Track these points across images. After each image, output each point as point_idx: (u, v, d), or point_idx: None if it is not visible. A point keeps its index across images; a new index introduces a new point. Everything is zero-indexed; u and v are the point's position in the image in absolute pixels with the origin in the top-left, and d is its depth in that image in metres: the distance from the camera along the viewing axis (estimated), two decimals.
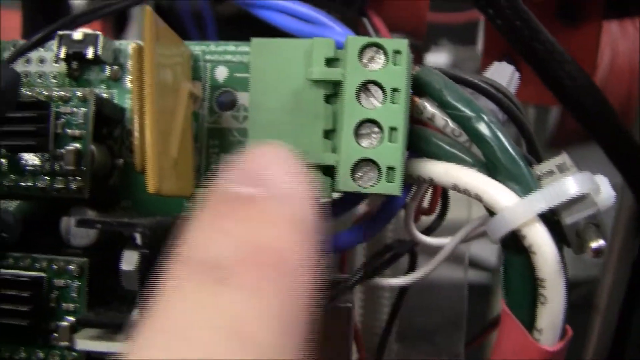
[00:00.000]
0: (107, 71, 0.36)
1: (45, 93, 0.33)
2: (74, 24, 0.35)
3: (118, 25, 0.68)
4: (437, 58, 0.79)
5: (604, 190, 0.29)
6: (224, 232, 0.25)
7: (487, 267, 0.74)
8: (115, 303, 0.33)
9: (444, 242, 0.34)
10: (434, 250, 0.35)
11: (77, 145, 0.33)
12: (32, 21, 0.52)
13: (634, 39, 0.68)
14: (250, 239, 0.24)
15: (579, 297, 0.63)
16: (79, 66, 0.36)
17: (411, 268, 0.37)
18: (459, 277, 0.50)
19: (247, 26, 0.40)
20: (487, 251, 0.70)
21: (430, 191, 0.36)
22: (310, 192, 0.27)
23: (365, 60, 0.29)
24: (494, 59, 0.46)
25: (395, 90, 0.29)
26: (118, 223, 0.29)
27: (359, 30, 0.40)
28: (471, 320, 0.50)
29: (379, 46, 0.29)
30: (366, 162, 0.29)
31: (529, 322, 0.29)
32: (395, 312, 0.40)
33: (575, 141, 0.73)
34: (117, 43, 0.36)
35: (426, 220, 0.36)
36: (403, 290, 0.39)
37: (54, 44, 0.35)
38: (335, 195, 0.33)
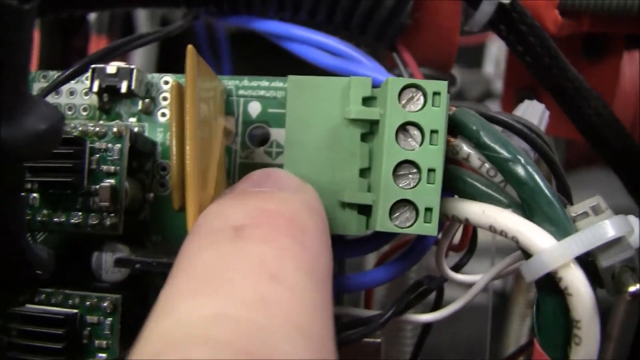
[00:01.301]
0: (140, 105, 0.36)
1: (80, 128, 0.34)
2: (107, 57, 0.35)
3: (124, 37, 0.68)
4: None
5: (636, 231, 0.29)
6: (237, 205, 0.26)
7: (500, 292, 0.74)
8: None
9: (474, 279, 0.34)
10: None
11: (112, 181, 0.33)
12: (51, 41, 0.52)
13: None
14: (262, 206, 0.26)
15: None
16: (109, 99, 0.36)
17: (437, 303, 0.37)
18: (482, 303, 0.50)
19: (257, 41, 0.40)
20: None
21: (460, 228, 0.36)
22: (316, 194, 0.29)
23: (404, 101, 0.30)
24: (514, 90, 0.47)
25: (433, 131, 0.30)
26: (158, 263, 0.29)
27: (386, 63, 0.41)
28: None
29: (418, 87, 0.30)
30: (403, 203, 0.30)
31: None
32: (419, 347, 0.40)
33: (582, 165, 0.74)
34: (150, 76, 0.36)
35: (454, 255, 0.37)
36: (427, 326, 0.39)
37: (84, 75, 0.36)
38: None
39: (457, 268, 0.36)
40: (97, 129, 0.33)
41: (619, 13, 0.40)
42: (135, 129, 0.35)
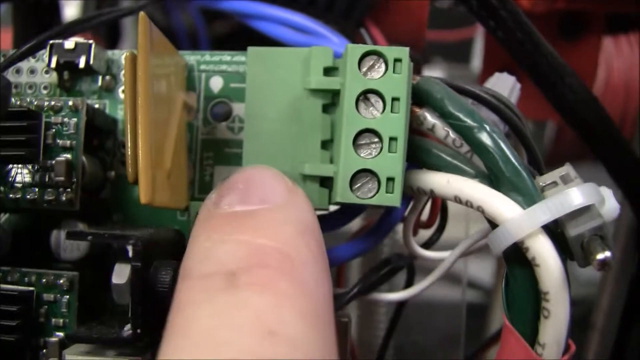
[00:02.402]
0: (100, 82, 0.35)
1: (36, 103, 0.33)
2: (66, 34, 0.34)
3: (110, 39, 0.68)
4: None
5: (608, 202, 0.29)
6: (227, 242, 0.25)
7: (484, 287, 0.74)
8: (107, 317, 0.32)
9: (443, 255, 0.33)
10: (430, 266, 0.34)
11: (68, 156, 0.32)
12: (24, 36, 0.52)
13: (628, 56, 0.68)
14: (253, 243, 0.25)
15: (576, 316, 0.62)
16: (70, 76, 0.35)
17: (409, 283, 0.36)
18: (457, 296, 0.50)
19: (241, 45, 0.39)
20: (484, 271, 0.69)
21: (429, 205, 0.35)
22: (305, 200, 0.27)
23: (364, 69, 0.29)
24: (494, 71, 0.46)
25: (395, 99, 0.29)
26: (110, 235, 0.29)
27: (357, 41, 0.40)
28: (467, 339, 0.49)
29: (379, 54, 0.29)
30: (365, 173, 0.29)
31: (532, 337, 0.28)
32: (393, 328, 0.39)
33: (571, 158, 0.73)
34: (110, 53, 0.35)
35: (424, 234, 0.36)
36: (400, 305, 0.38)
37: (45, 54, 0.35)
38: (333, 207, 0.32)
39: (427, 246, 0.35)
40: (53, 102, 0.32)
41: None
42: (96, 106, 0.34)
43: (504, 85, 0.34)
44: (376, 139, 0.29)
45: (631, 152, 0.42)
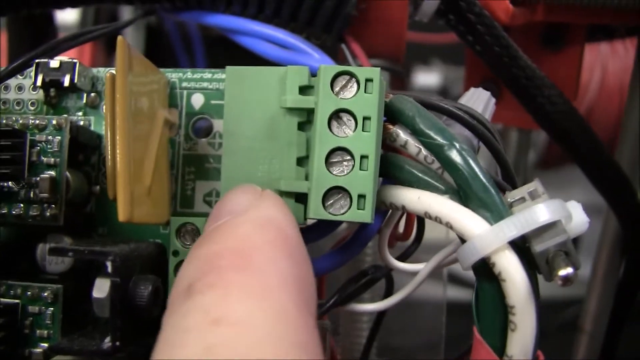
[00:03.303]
0: (85, 98, 0.36)
1: (21, 121, 0.34)
2: (57, 51, 0.35)
3: (110, 49, 0.69)
4: (428, 78, 0.80)
5: (576, 216, 0.29)
6: (188, 260, 0.26)
7: (468, 283, 0.74)
8: (89, 329, 0.33)
9: (418, 268, 0.34)
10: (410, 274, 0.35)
11: (52, 172, 0.33)
12: (19, 43, 0.53)
13: (623, 58, 0.68)
14: (208, 252, 0.26)
15: (566, 319, 0.63)
16: (56, 93, 0.36)
17: (388, 293, 0.37)
18: (438, 295, 0.50)
19: (234, 46, 0.41)
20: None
21: (405, 217, 0.36)
22: (273, 199, 0.29)
23: (337, 88, 0.30)
24: (477, 83, 0.47)
25: (366, 118, 0.30)
26: (90, 251, 0.30)
27: (338, 56, 0.41)
28: (451, 337, 0.50)
29: (351, 74, 0.30)
30: (337, 190, 0.30)
31: (501, 349, 0.29)
32: (373, 336, 0.40)
33: (567, 162, 0.74)
34: (95, 70, 0.36)
35: (402, 244, 0.37)
36: (380, 314, 0.39)
37: (31, 71, 0.36)
38: (310, 221, 0.33)
39: (404, 257, 0.36)
40: (37, 121, 0.34)
41: (576, 2, 0.40)
42: (81, 123, 0.36)
43: (479, 100, 0.35)
44: (348, 157, 0.30)
45: (613, 162, 0.43)
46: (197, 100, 0.36)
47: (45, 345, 0.33)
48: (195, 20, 0.41)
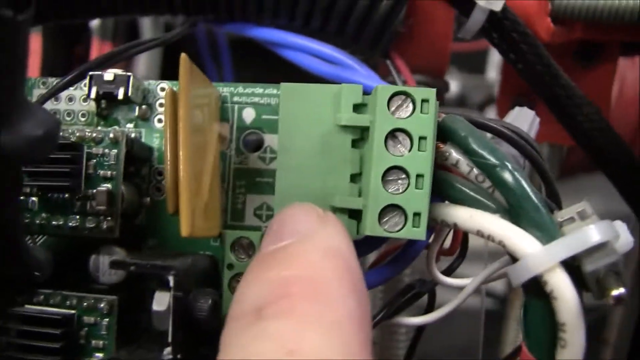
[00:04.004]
0: (136, 111, 0.37)
1: (78, 134, 0.35)
2: (105, 64, 0.36)
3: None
4: None
5: (623, 236, 0.30)
6: (256, 280, 0.27)
7: (498, 295, 0.75)
8: (144, 340, 0.34)
9: (464, 283, 0.35)
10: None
11: (109, 185, 0.34)
12: (54, 48, 0.54)
13: None
14: (278, 277, 0.27)
15: (590, 331, 0.64)
16: (107, 105, 0.37)
17: (430, 306, 0.38)
18: (476, 306, 0.51)
19: (258, 47, 0.42)
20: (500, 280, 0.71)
21: (451, 232, 0.37)
22: (335, 224, 0.29)
23: (393, 108, 0.31)
24: (510, 97, 0.49)
25: (422, 138, 0.31)
26: (152, 265, 0.31)
27: (380, 70, 0.42)
28: (484, 347, 0.51)
29: (407, 94, 0.31)
30: (392, 208, 0.31)
31: None
32: (413, 349, 0.41)
33: (580, 172, 0.75)
34: (146, 83, 0.37)
35: (446, 259, 0.38)
36: (420, 328, 0.40)
37: (83, 82, 0.37)
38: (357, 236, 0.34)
39: (448, 272, 0.37)
40: (94, 134, 0.35)
41: (611, 21, 0.41)
42: (132, 135, 0.37)
43: (524, 119, 0.36)
44: (403, 176, 0.31)
45: None
46: (249, 114, 0.37)
47: (100, 355, 0.34)
48: (240, 32, 0.42)
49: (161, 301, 0.31)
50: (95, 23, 0.63)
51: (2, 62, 0.25)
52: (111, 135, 0.35)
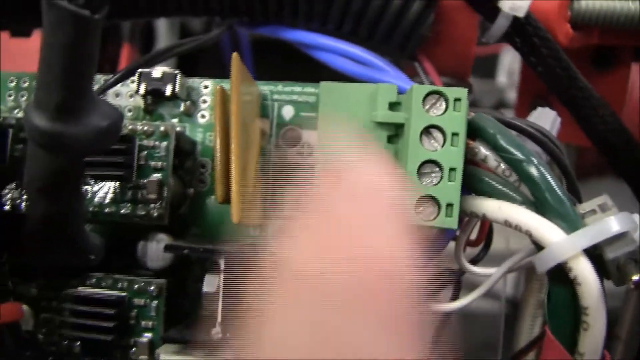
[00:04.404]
0: (181, 107, 0.40)
1: (130, 127, 0.38)
2: (152, 62, 0.39)
3: (144, 46, 0.72)
4: None
5: None
6: (323, 249, 0.27)
7: (498, 297, 0.77)
8: (190, 321, 0.37)
9: (490, 272, 0.38)
10: (473, 279, 0.39)
11: (159, 175, 0.37)
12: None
13: None
14: (350, 255, 0.26)
15: None
16: (153, 101, 0.40)
17: (455, 295, 0.41)
18: (496, 311, 0.54)
19: (276, 48, 0.44)
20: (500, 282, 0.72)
21: (478, 225, 0.40)
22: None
23: (427, 106, 0.34)
24: (529, 99, 0.51)
25: (455, 134, 0.34)
26: (205, 250, 0.33)
27: (407, 71, 0.45)
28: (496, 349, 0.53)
29: (440, 94, 0.34)
30: (427, 199, 0.34)
31: (571, 347, 0.33)
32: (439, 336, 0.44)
33: (593, 175, 0.77)
34: (190, 81, 0.40)
35: (471, 250, 0.40)
36: (447, 316, 0.43)
37: (130, 79, 0.40)
38: None
39: (474, 262, 0.39)
40: (146, 127, 0.37)
41: (628, 26, 0.44)
42: (178, 129, 0.39)
43: (546, 119, 0.39)
44: (437, 169, 0.34)
45: None
46: (288, 111, 0.39)
47: (149, 335, 0.37)
48: (273, 34, 0.44)
49: (211, 283, 0.34)
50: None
51: (77, 58, 0.28)
52: (162, 128, 0.37)
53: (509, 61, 0.84)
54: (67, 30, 0.27)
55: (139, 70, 0.39)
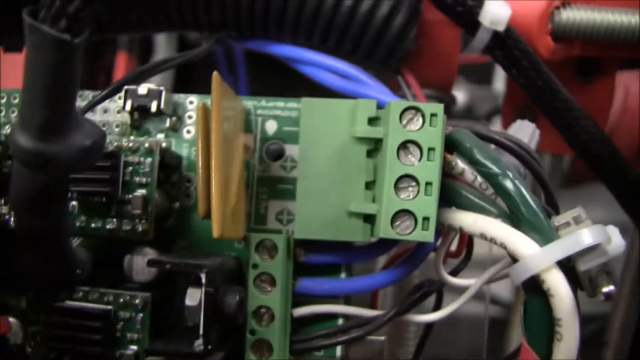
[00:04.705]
0: (167, 122, 0.41)
1: (115, 144, 0.39)
2: (139, 79, 0.40)
3: (143, 55, 0.73)
4: None
5: (614, 240, 0.34)
6: None
7: (503, 303, 0.78)
8: (174, 333, 0.38)
9: (469, 283, 0.39)
10: (458, 289, 0.40)
11: (144, 191, 0.38)
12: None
13: None
14: None
15: (591, 333, 0.67)
16: (140, 117, 0.41)
17: (437, 305, 0.42)
18: (480, 312, 0.55)
19: (272, 60, 0.45)
20: (503, 288, 0.73)
21: (457, 236, 0.41)
22: None
23: (404, 121, 0.35)
24: (514, 108, 0.52)
25: (431, 149, 0.35)
26: (186, 264, 0.34)
27: (391, 84, 0.46)
28: (489, 352, 0.54)
29: (417, 109, 0.35)
30: (403, 213, 0.35)
31: (547, 357, 0.34)
32: (422, 346, 0.45)
33: (587, 180, 0.78)
34: (176, 97, 0.41)
35: (452, 261, 0.41)
36: (429, 325, 0.44)
37: (117, 95, 0.41)
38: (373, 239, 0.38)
39: (454, 273, 0.40)
40: (131, 144, 0.38)
41: (609, 38, 0.45)
42: (164, 145, 0.40)
43: (525, 131, 0.40)
44: (414, 183, 0.35)
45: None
46: (271, 126, 0.40)
47: (135, 347, 0.38)
48: (260, 49, 0.45)
49: (193, 297, 0.35)
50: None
51: (59, 79, 0.28)
52: (147, 145, 0.38)
53: None
54: (49, 54, 0.28)
55: (125, 87, 0.40)
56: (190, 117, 0.41)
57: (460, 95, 0.83)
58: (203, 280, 0.34)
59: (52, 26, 0.27)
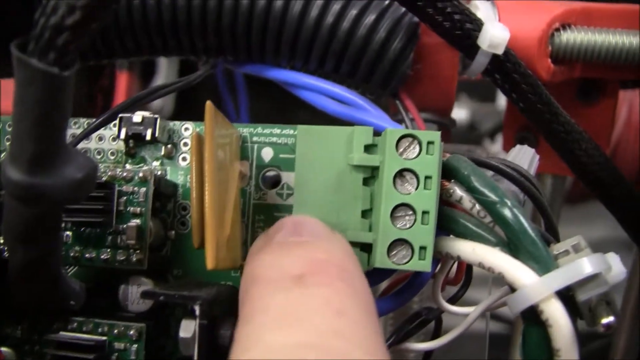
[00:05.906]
0: (162, 150, 0.41)
1: (109, 173, 0.39)
2: (133, 107, 0.40)
3: (144, 76, 0.74)
4: (457, 114, 0.84)
5: (615, 268, 0.34)
6: (290, 256, 0.32)
7: (504, 319, 0.78)
8: None
9: (468, 311, 0.39)
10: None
11: (138, 221, 0.38)
12: (77, 81, 0.58)
13: None
14: (313, 257, 0.32)
15: (595, 351, 0.67)
16: (135, 144, 0.41)
17: (436, 332, 0.42)
18: (481, 328, 0.54)
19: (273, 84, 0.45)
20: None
21: (456, 263, 0.40)
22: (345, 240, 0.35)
23: (401, 149, 0.35)
24: (514, 131, 0.52)
25: (428, 177, 0.35)
26: (179, 296, 0.34)
27: (390, 108, 0.46)
28: None
29: (413, 137, 0.35)
30: (400, 242, 0.35)
31: None
32: None
33: (590, 197, 0.78)
34: (171, 124, 0.41)
35: (451, 288, 0.41)
36: (428, 354, 0.43)
37: (112, 123, 0.41)
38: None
39: (453, 300, 0.40)
40: (125, 174, 0.38)
41: (609, 60, 0.45)
42: (158, 173, 0.40)
43: (524, 157, 0.39)
44: (410, 212, 0.35)
45: None
46: (267, 153, 0.40)
47: None
48: (257, 73, 0.45)
49: (187, 329, 0.34)
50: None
51: (48, 112, 0.28)
52: (140, 174, 0.38)
53: None
54: (38, 87, 0.28)
55: (120, 115, 0.40)
56: (185, 144, 0.41)
57: (464, 112, 0.83)
58: (197, 312, 0.34)
59: (40, 60, 0.27)
